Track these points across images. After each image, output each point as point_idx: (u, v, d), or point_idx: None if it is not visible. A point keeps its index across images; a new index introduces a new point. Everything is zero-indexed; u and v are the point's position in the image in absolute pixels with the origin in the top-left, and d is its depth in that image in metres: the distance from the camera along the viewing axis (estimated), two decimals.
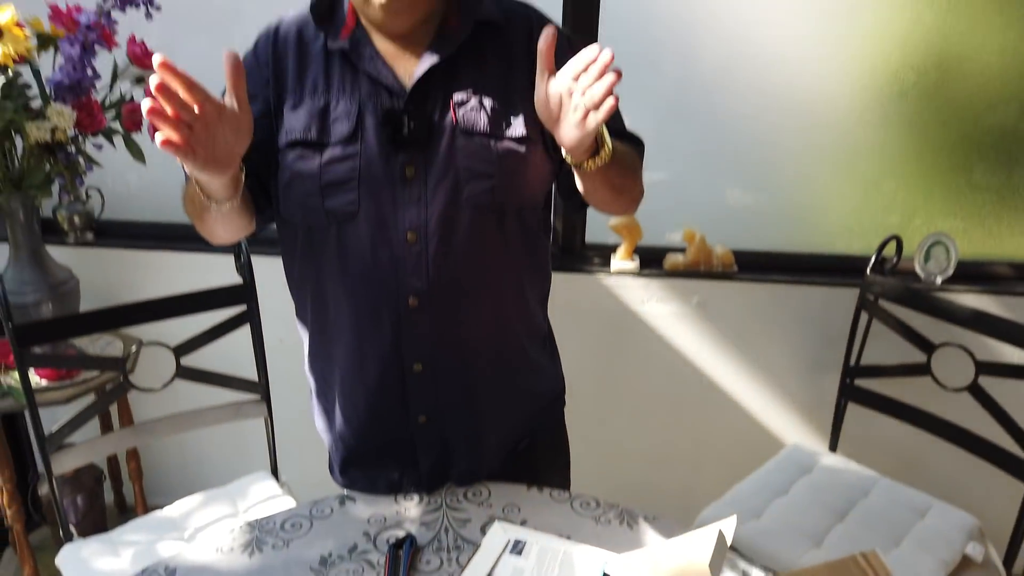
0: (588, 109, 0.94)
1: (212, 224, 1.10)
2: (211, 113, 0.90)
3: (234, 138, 0.94)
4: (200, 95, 0.89)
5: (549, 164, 1.18)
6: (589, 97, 0.93)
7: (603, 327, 2.15)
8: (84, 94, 1.57)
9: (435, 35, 1.12)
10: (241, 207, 1.08)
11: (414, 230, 1.11)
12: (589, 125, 0.95)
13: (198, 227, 1.14)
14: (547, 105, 1.00)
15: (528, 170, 1.15)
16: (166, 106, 0.86)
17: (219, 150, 0.93)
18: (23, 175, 1.66)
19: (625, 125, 1.24)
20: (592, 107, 0.94)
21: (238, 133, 0.94)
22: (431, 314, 1.15)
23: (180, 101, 0.87)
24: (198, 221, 1.11)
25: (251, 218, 1.15)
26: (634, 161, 1.18)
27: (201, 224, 1.12)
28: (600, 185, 1.11)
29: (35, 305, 1.79)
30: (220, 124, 0.91)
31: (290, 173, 1.12)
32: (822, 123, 2.04)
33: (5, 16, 1.43)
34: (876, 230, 2.10)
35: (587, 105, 0.94)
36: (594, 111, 0.94)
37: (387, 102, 1.10)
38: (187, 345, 1.67)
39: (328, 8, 1.14)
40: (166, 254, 2.18)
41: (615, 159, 1.06)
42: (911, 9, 1.91)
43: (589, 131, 0.96)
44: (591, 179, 1.09)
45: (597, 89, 0.93)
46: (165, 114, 0.86)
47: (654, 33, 2.03)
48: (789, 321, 2.10)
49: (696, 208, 2.18)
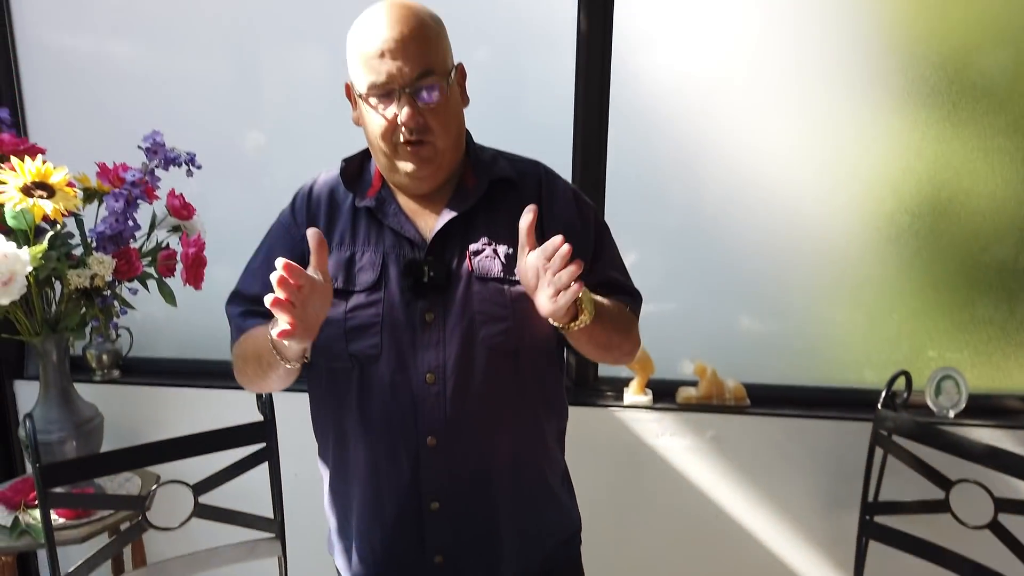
0: (558, 289, 1.02)
1: (272, 381, 1.17)
2: (306, 289, 0.99)
3: (321, 307, 1.03)
4: (301, 277, 0.98)
5: None
6: (557, 280, 1.02)
7: (618, 461, 2.16)
8: (124, 244, 1.68)
9: (453, 192, 1.22)
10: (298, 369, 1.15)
11: (433, 371, 1.17)
12: (559, 302, 1.03)
13: (253, 383, 1.21)
14: (526, 276, 1.08)
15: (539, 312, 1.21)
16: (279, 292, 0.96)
17: (310, 319, 1.01)
18: (59, 318, 1.74)
19: (627, 277, 1.31)
20: (562, 288, 1.02)
21: (324, 302, 1.03)
22: (449, 453, 1.18)
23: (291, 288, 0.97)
24: (258, 379, 1.18)
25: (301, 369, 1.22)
26: (625, 319, 1.24)
27: (261, 381, 1.18)
28: (585, 343, 1.18)
29: (60, 443, 1.82)
30: (311, 296, 1.00)
31: None
32: (827, 257, 2.11)
33: (58, 176, 1.55)
34: (886, 362, 2.13)
35: (556, 286, 1.02)
36: (564, 291, 1.02)
37: (409, 253, 1.19)
38: (206, 483, 1.69)
39: (356, 171, 1.26)
40: (189, 390, 2.23)
41: (600, 320, 1.13)
42: (901, 158, 2.02)
43: (560, 307, 1.04)
44: (575, 338, 1.16)
45: (562, 277, 1.02)
46: (283, 303, 0.96)
47: (661, 167, 2.14)
48: (804, 456, 2.10)
49: (707, 338, 2.22)
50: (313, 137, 2.18)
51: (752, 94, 2.05)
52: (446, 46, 1.18)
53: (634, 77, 2.06)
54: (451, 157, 1.20)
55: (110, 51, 2.22)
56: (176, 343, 2.33)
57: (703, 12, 2.02)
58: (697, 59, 2.05)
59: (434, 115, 1.14)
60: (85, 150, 1.83)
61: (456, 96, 1.19)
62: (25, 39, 2.17)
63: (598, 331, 1.14)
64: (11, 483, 1.95)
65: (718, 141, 2.09)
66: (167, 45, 2.21)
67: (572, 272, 1.01)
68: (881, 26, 1.98)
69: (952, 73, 1.96)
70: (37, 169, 1.54)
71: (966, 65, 1.96)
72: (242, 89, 2.24)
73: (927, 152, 2.01)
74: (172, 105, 2.20)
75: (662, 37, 2.06)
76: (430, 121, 1.14)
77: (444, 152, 1.17)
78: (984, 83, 1.96)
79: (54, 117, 2.22)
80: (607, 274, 1.29)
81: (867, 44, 1.99)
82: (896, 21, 1.98)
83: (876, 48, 1.99)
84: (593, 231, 1.29)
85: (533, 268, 1.06)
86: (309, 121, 2.18)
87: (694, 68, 2.05)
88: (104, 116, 2.20)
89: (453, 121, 1.18)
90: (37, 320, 1.72)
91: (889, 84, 1.99)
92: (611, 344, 1.22)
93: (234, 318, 1.27)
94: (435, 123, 1.14)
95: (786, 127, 2.06)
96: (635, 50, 2.04)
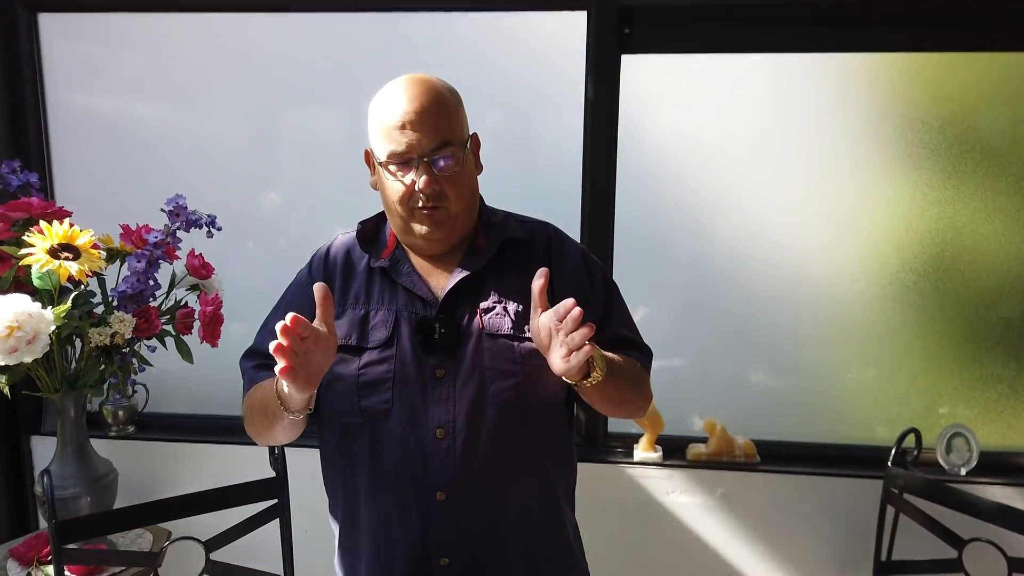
0: (571, 350, 1.06)
1: (278, 433, 1.19)
2: (310, 340, 1.04)
3: (324, 359, 1.07)
4: (306, 330, 1.03)
5: None
6: (570, 341, 1.06)
7: (627, 518, 2.15)
8: (144, 303, 1.72)
9: (465, 253, 1.27)
10: (304, 421, 1.19)
11: (443, 426, 1.19)
12: (572, 362, 1.07)
13: (260, 435, 1.24)
14: (539, 335, 1.12)
15: (549, 368, 1.23)
16: (283, 340, 1.00)
17: (312, 369, 1.06)
18: (79, 375, 1.78)
19: (636, 333, 1.34)
20: (574, 348, 1.06)
21: (327, 354, 1.08)
22: (458, 508, 1.20)
23: (294, 337, 1.02)
24: (264, 430, 1.21)
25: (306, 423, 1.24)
26: (636, 375, 1.27)
27: (268, 432, 1.21)
28: (598, 400, 1.20)
29: (74, 499, 1.83)
30: (315, 348, 1.05)
31: (331, 375, 1.21)
32: (835, 314, 2.14)
33: (84, 239, 1.60)
34: (896, 419, 2.13)
35: (569, 347, 1.06)
36: (576, 352, 1.06)
37: (421, 311, 1.23)
38: (218, 539, 1.70)
39: (372, 233, 1.31)
40: (203, 446, 2.25)
41: (612, 377, 1.16)
42: (904, 218, 2.06)
43: (572, 366, 1.07)
44: (588, 395, 1.19)
45: (575, 339, 1.05)
46: (285, 350, 1.01)
47: (669, 225, 2.19)
48: (815, 514, 2.08)
49: (716, 395, 2.23)
50: (328, 199, 2.25)
51: (756, 155, 2.10)
52: (463, 117, 1.24)
53: (642, 138, 2.12)
54: (464, 221, 1.25)
55: (135, 114, 2.31)
56: (190, 399, 2.36)
57: (708, 76, 2.09)
58: (703, 121, 2.11)
59: (449, 182, 1.19)
60: (110, 209, 1.91)
61: (471, 164, 1.25)
62: (56, 103, 2.26)
63: (610, 388, 1.17)
64: (24, 539, 1.96)
65: (725, 201, 2.13)
66: (190, 109, 2.30)
67: (584, 334, 1.04)
68: (880, 91, 2.04)
69: (951, 137, 2.01)
70: (64, 232, 1.60)
71: (965, 129, 2.01)
72: (260, 151, 2.31)
73: (929, 212, 2.05)
74: (193, 166, 2.27)
75: (669, 100, 2.12)
76: (446, 188, 1.19)
77: (457, 216, 1.23)
78: (983, 146, 2.01)
79: (80, 178, 2.30)
80: (617, 331, 1.32)
81: (867, 108, 2.05)
82: (894, 86, 2.04)
83: (875, 112, 2.05)
84: (602, 289, 1.33)
85: (546, 328, 1.10)
86: (324, 183, 2.25)
87: (701, 130, 2.11)
88: (128, 176, 2.28)
89: (467, 188, 1.23)
90: (57, 377, 1.76)
91: (889, 147, 2.05)
92: (623, 399, 1.24)
93: (247, 371, 1.31)
94: (450, 190, 1.20)
95: (790, 187, 2.11)
96: (643, 112, 2.11)
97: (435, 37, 2.15)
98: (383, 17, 2.14)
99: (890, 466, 1.90)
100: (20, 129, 2.22)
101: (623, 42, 2.04)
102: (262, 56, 2.22)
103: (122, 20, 2.22)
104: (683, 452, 2.15)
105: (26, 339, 1.51)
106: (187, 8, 2.18)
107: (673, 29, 2.07)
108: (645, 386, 1.31)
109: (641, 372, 1.30)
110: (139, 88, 2.30)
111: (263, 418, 1.19)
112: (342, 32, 2.17)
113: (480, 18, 2.13)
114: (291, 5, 2.14)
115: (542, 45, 2.13)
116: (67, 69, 2.26)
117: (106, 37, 2.26)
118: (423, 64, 1.36)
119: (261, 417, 1.20)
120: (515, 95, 2.16)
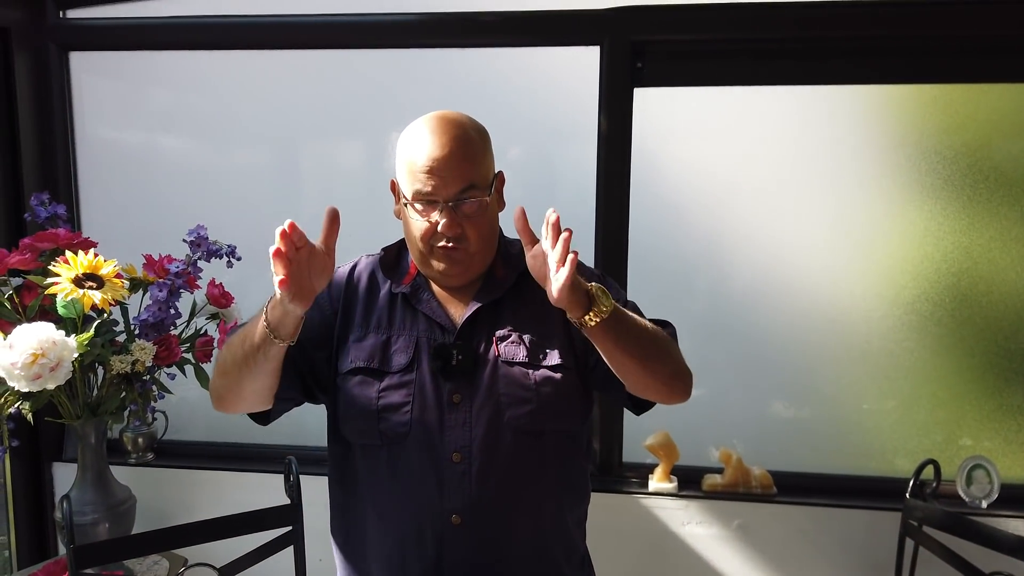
0: (558, 265, 1.06)
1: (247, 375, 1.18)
2: (304, 253, 1.07)
3: (318, 277, 1.10)
4: (301, 239, 1.06)
5: (583, 387, 1.28)
6: (553, 256, 1.06)
7: (642, 549, 2.13)
8: (165, 331, 1.76)
9: (483, 283, 1.30)
10: (276, 369, 1.18)
11: (459, 451, 1.21)
12: (561, 276, 1.05)
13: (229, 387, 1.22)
14: (536, 269, 1.13)
15: (563, 395, 1.25)
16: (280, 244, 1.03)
17: (304, 284, 1.07)
18: (100, 402, 1.81)
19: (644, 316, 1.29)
20: (560, 263, 1.06)
21: (321, 274, 1.10)
22: (473, 532, 1.21)
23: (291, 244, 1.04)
24: (235, 377, 1.19)
25: (273, 390, 1.23)
26: (656, 334, 1.21)
27: (237, 380, 1.20)
28: (615, 352, 1.15)
29: (92, 525, 1.86)
30: (309, 264, 1.08)
31: (350, 396, 1.25)
32: (851, 344, 2.13)
33: (108, 269, 1.65)
34: (916, 451, 2.11)
35: (556, 262, 1.06)
36: (561, 266, 1.05)
37: (439, 337, 1.25)
38: (233, 566, 1.71)
39: (394, 260, 1.35)
40: (220, 473, 2.27)
41: (622, 322, 1.13)
42: (919, 247, 2.06)
43: (564, 284, 1.06)
44: (602, 344, 1.15)
45: (558, 249, 1.06)
46: (282, 255, 1.03)
47: (684, 254, 2.20)
48: (833, 546, 2.06)
49: (732, 426, 2.22)
50: (347, 230, 2.27)
51: (771, 186, 2.12)
52: (489, 158, 1.26)
53: (656, 170, 2.14)
54: (481, 258, 1.27)
55: (160, 148, 2.37)
56: (208, 427, 2.39)
57: (721, 108, 2.11)
58: (717, 153, 2.13)
59: (471, 224, 1.22)
60: (134, 241, 1.95)
61: (494, 204, 1.28)
62: (84, 138, 2.33)
63: (624, 336, 1.14)
64: (43, 565, 1.98)
65: (741, 231, 2.15)
66: (212, 143, 2.36)
67: (566, 238, 1.05)
68: (892, 121, 2.06)
69: (965, 167, 2.02)
70: (88, 262, 1.64)
71: (979, 158, 2.01)
72: (281, 183, 2.36)
73: (944, 242, 2.05)
74: (216, 199, 2.33)
75: (683, 132, 2.15)
76: (467, 230, 1.22)
77: (475, 255, 1.25)
78: (997, 175, 2.01)
79: (106, 210, 2.36)
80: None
81: (879, 139, 2.06)
82: (906, 117, 2.05)
83: (888, 142, 2.06)
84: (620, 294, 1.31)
85: (540, 257, 1.11)
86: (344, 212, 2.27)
87: (714, 161, 2.13)
88: (152, 208, 2.33)
89: (488, 227, 1.26)
90: (79, 404, 1.79)
91: (902, 177, 2.05)
92: (647, 356, 1.18)
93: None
94: (471, 232, 1.22)
95: (805, 217, 2.12)
96: (657, 144, 2.13)
97: (452, 72, 2.20)
98: (401, 53, 2.20)
99: (908, 498, 1.88)
100: (49, 162, 2.29)
101: (635, 75, 2.07)
102: (283, 91, 2.28)
103: (148, 58, 2.29)
104: (699, 483, 2.14)
105: (50, 366, 1.55)
106: (210, 46, 2.25)
107: (685, 63, 2.11)
108: (674, 351, 1.25)
109: (664, 335, 1.23)
110: (164, 123, 2.36)
111: (241, 350, 1.16)
112: (361, 67, 2.23)
113: (497, 53, 2.18)
114: (310, 42, 2.20)
115: (557, 79, 2.17)
116: (95, 105, 2.33)
117: (132, 74, 2.34)
118: (440, 100, 1.39)
119: (238, 357, 1.17)
120: (530, 127, 2.20)
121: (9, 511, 2.29)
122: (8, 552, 2.32)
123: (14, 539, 2.30)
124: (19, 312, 1.70)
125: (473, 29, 2.13)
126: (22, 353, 1.53)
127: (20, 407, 1.66)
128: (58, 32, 2.26)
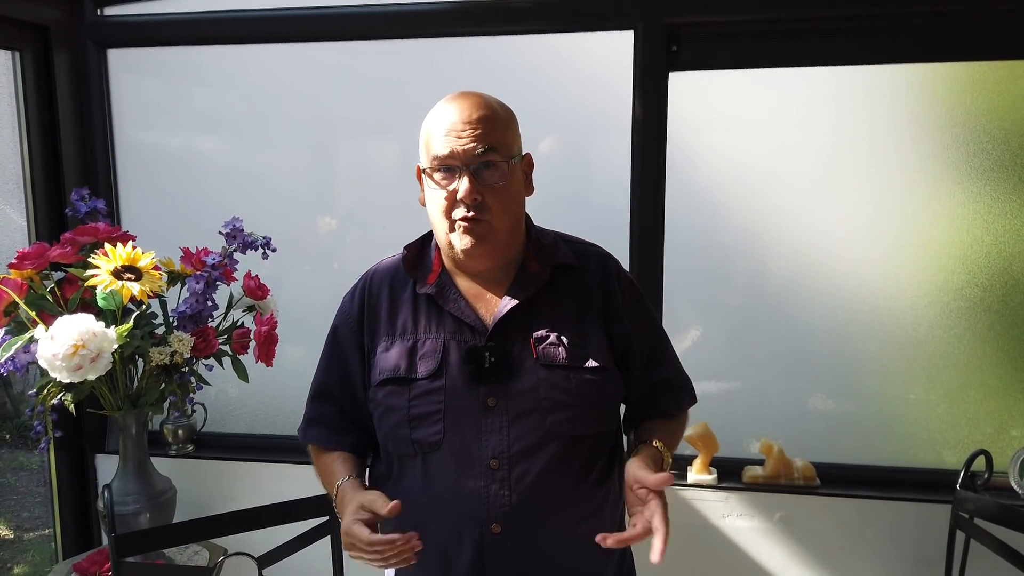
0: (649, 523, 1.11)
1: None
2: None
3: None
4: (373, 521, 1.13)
5: (621, 387, 1.25)
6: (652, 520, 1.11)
7: (681, 542, 2.06)
8: (203, 323, 1.77)
9: (515, 278, 1.23)
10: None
11: (497, 458, 1.16)
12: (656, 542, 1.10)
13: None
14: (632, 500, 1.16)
15: (604, 397, 1.22)
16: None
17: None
18: (140, 393, 1.83)
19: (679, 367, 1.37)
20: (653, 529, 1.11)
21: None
22: (514, 540, 1.17)
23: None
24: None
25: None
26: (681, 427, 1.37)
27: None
28: None
29: (134, 515, 1.89)
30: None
31: (383, 408, 1.22)
32: (897, 332, 2.07)
33: (146, 261, 1.66)
34: (965, 442, 2.04)
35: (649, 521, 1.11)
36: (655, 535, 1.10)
37: (470, 339, 1.20)
38: (270, 556, 1.72)
39: (417, 256, 1.29)
40: (259, 465, 2.29)
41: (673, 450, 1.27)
42: (968, 231, 1.99)
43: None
44: None
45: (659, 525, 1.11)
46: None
47: (722, 245, 2.15)
48: (880, 540, 2.00)
49: (773, 416, 2.18)
50: (381, 223, 2.28)
51: (811, 171, 2.06)
52: (514, 132, 1.21)
53: (692, 157, 2.10)
54: (506, 239, 1.21)
55: (197, 144, 2.40)
56: (247, 419, 2.41)
57: (759, 92, 2.07)
58: (755, 138, 2.08)
59: (493, 194, 1.16)
60: (172, 235, 1.97)
61: (519, 180, 1.21)
62: (123, 134, 2.36)
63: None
64: (88, 554, 2.02)
65: (780, 218, 2.09)
66: (249, 138, 2.37)
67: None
68: (938, 102, 1.99)
69: (1016, 147, 1.94)
70: (127, 254, 1.66)
71: None
72: (316, 178, 2.37)
73: (995, 225, 1.97)
74: (252, 193, 2.34)
75: (719, 117, 2.10)
76: (488, 199, 1.15)
77: (499, 232, 1.18)
78: None
79: (145, 204, 2.39)
80: (664, 376, 1.33)
81: (925, 119, 1.99)
82: (953, 97, 1.98)
83: (934, 123, 1.99)
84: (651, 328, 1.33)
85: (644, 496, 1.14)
86: (378, 208, 2.29)
87: (752, 147, 2.08)
88: (190, 203, 2.36)
89: (512, 204, 1.19)
90: (120, 395, 1.81)
91: (949, 158, 1.98)
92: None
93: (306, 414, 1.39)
94: (493, 202, 1.16)
95: (847, 202, 2.06)
96: (693, 131, 2.09)
97: (485, 60, 2.18)
98: (434, 42, 2.19)
99: (959, 490, 1.82)
100: (90, 158, 2.32)
101: (670, 59, 2.03)
102: (318, 86, 2.29)
103: (184, 54, 2.31)
104: (738, 475, 2.09)
105: (90, 357, 1.57)
106: (245, 40, 2.26)
107: (721, 45, 2.06)
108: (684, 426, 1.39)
109: (684, 421, 1.38)
110: (201, 120, 2.39)
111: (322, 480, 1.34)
112: (395, 57, 2.22)
113: (529, 40, 2.16)
114: (343, 33, 2.19)
115: (591, 65, 2.14)
116: (133, 101, 2.36)
117: (168, 71, 2.36)
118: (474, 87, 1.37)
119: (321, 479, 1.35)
120: (564, 114, 2.17)
121: (54, 502, 2.33)
122: (54, 543, 2.37)
123: (59, 529, 2.34)
124: (60, 305, 1.73)
125: (505, 16, 2.11)
126: (63, 344, 1.55)
127: (63, 398, 1.69)
128: (96, 30, 2.29)
